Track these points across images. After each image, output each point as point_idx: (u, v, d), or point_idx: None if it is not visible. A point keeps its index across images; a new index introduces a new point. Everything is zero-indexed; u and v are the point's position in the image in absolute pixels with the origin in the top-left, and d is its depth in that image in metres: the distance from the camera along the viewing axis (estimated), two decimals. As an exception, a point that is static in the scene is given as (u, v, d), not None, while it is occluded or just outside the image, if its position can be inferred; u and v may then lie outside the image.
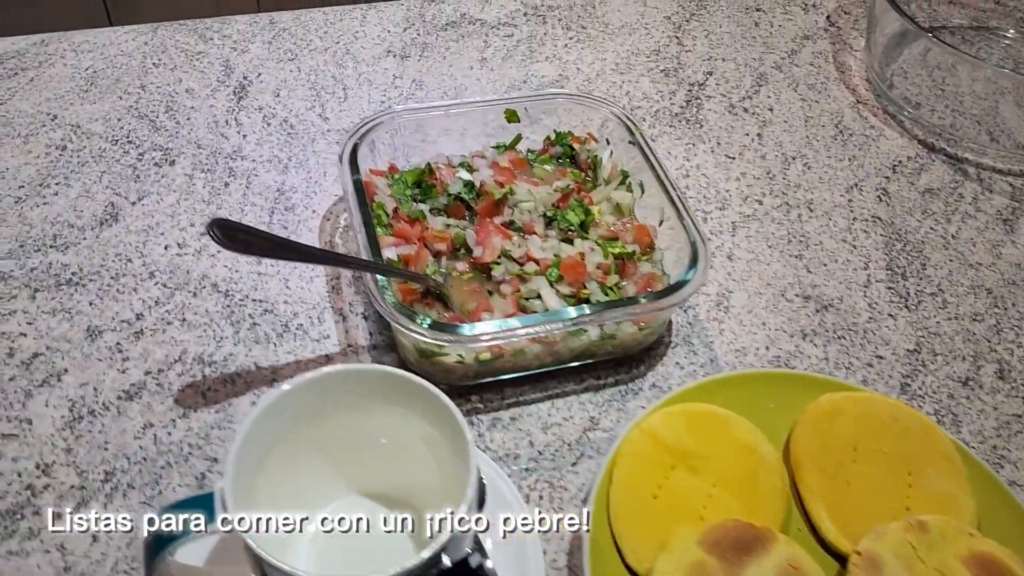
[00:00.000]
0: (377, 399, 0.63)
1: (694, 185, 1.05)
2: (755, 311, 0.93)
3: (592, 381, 0.85)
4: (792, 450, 0.78)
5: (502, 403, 0.83)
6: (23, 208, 0.94)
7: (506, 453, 0.79)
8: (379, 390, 0.63)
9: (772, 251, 0.99)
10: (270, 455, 0.61)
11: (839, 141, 1.14)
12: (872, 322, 0.93)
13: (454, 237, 0.86)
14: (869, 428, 0.78)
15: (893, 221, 1.04)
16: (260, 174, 1.01)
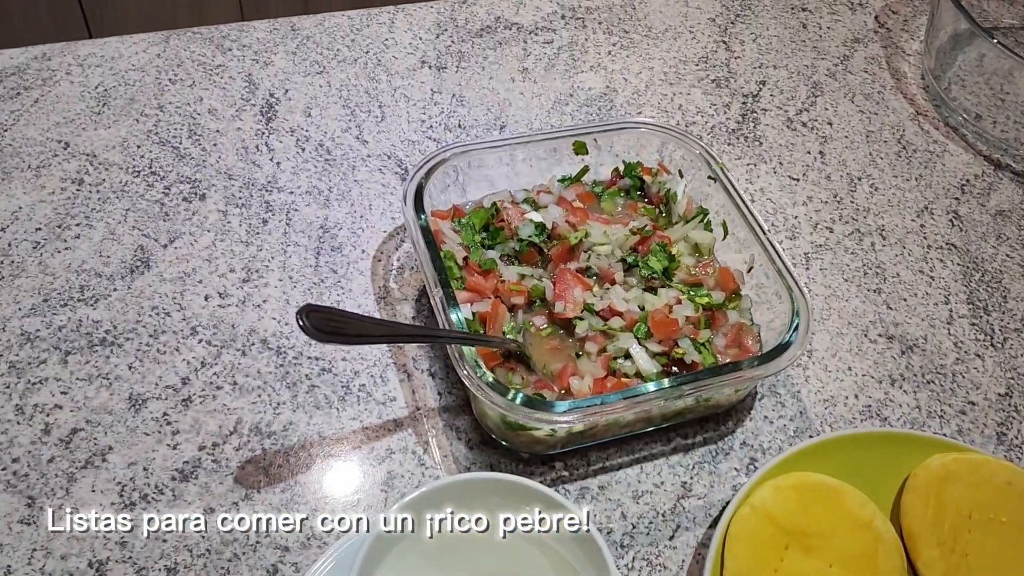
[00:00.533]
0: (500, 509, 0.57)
1: (761, 211, 0.99)
2: (839, 355, 0.88)
3: (680, 441, 0.80)
4: (904, 520, 0.73)
5: (588, 470, 0.77)
6: (43, 255, 0.85)
7: (599, 527, 0.73)
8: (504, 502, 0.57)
9: (849, 285, 0.94)
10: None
11: (903, 158, 1.08)
12: (960, 363, 0.89)
13: (531, 289, 0.79)
14: (984, 495, 0.73)
15: (968, 248, 0.99)
16: (300, 208, 0.93)
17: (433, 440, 0.77)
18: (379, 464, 0.75)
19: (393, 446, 0.76)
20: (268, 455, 0.75)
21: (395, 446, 0.76)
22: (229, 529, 0.70)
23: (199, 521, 0.70)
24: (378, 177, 0.97)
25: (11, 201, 0.89)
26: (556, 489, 0.75)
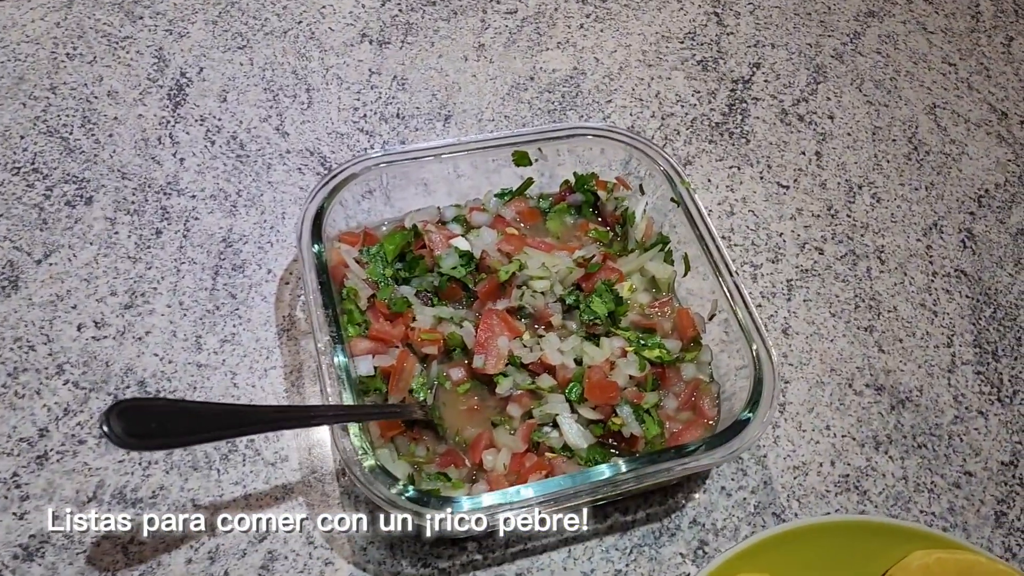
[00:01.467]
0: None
1: (740, 227, 0.86)
2: (817, 409, 0.75)
3: (618, 517, 0.68)
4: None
5: (505, 553, 0.66)
6: None
7: (512, 629, 0.63)
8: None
9: (836, 321, 0.81)
10: None
11: (914, 161, 0.94)
12: (958, 422, 0.76)
13: (448, 337, 0.67)
14: (971, 606, 0.62)
15: (980, 276, 0.86)
16: (202, 216, 0.80)
17: (328, 512, 0.66)
18: (259, 542, 0.64)
19: (278, 519, 0.65)
20: (131, 528, 0.64)
21: (281, 519, 0.65)
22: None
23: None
24: (296, 179, 0.84)
25: None
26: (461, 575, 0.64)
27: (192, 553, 0.63)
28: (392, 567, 0.64)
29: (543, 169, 0.78)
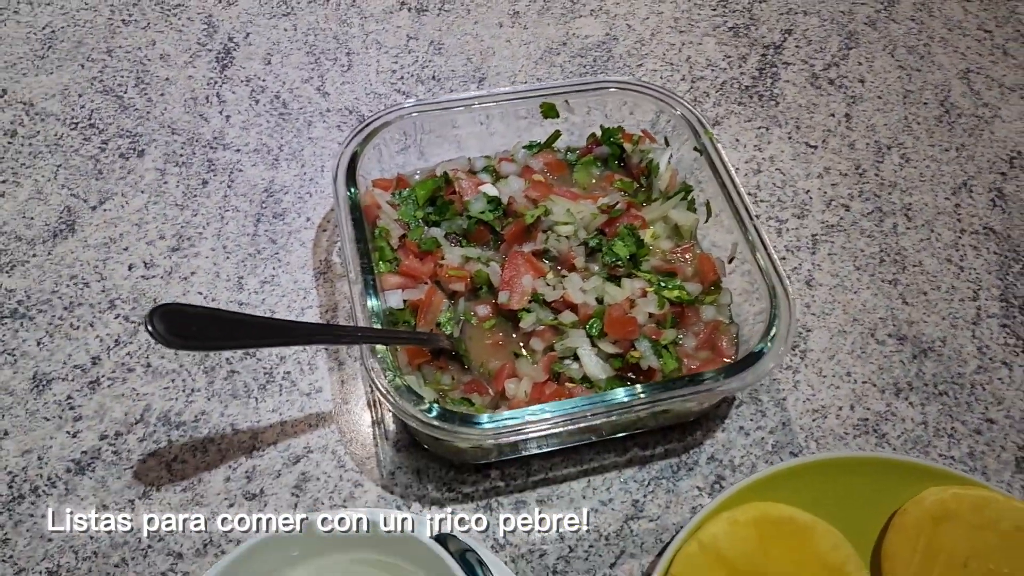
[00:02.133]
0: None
1: (767, 184, 0.87)
2: (838, 356, 0.76)
3: (637, 452, 0.70)
4: (885, 565, 0.63)
5: (527, 481, 0.68)
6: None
7: (530, 549, 0.65)
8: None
9: (861, 274, 0.81)
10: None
11: (945, 124, 0.94)
12: (982, 372, 0.76)
13: (475, 275, 0.70)
14: (985, 540, 0.62)
15: (1010, 234, 0.86)
16: (245, 168, 0.84)
17: (357, 439, 0.69)
18: (293, 464, 0.68)
19: (312, 444, 0.69)
20: (174, 448, 0.68)
21: (314, 444, 0.69)
22: (120, 530, 0.64)
23: (89, 519, 0.64)
24: (335, 135, 0.87)
25: (-63, 154, 0.83)
26: (488, 504, 0.67)
27: (230, 472, 0.67)
28: (418, 491, 0.67)
29: (571, 127, 0.80)
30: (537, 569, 0.64)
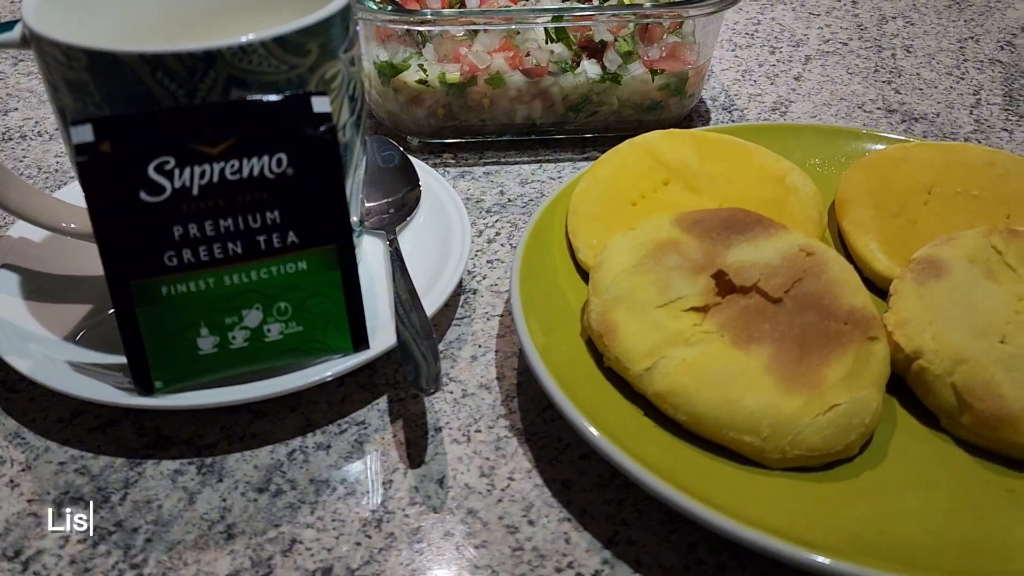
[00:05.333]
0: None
1: (764, 30, 0.90)
2: (821, 117, 0.75)
3: (595, 152, 0.69)
4: (839, 194, 0.58)
5: (479, 160, 0.68)
6: None
7: (467, 198, 0.64)
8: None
9: (852, 76, 0.81)
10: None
11: (954, 8, 0.96)
12: (978, 133, 0.72)
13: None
14: (951, 171, 0.57)
15: (1018, 63, 0.84)
16: None
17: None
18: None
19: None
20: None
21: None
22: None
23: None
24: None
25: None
26: (437, 170, 0.67)
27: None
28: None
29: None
30: (472, 209, 0.63)
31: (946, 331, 0.43)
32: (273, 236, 0.42)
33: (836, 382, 0.41)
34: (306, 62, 0.42)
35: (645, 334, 0.44)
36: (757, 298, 0.45)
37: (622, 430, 0.41)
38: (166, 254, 0.41)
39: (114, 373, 0.45)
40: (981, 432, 0.42)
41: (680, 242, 0.48)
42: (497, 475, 0.43)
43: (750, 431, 0.40)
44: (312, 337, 0.44)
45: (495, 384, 0.48)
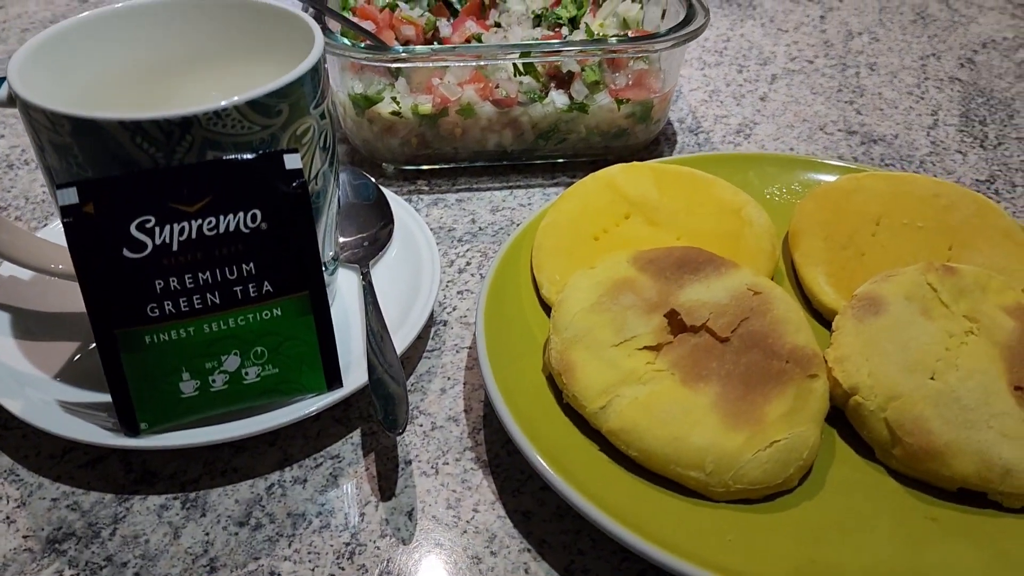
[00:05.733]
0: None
1: (733, 48, 0.93)
2: (783, 139, 0.77)
3: (565, 178, 0.72)
4: (792, 225, 0.61)
5: (451, 187, 0.71)
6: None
7: (440, 226, 0.66)
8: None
9: (816, 96, 0.84)
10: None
11: (918, 25, 0.98)
12: (934, 155, 0.75)
13: (425, 24, 0.77)
14: (899, 203, 0.60)
15: (976, 82, 0.86)
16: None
17: (302, 156, 0.74)
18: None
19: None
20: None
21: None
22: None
23: None
24: None
25: None
26: (408, 198, 0.69)
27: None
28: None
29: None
30: (444, 239, 0.65)
31: (881, 368, 0.46)
32: (249, 286, 0.45)
33: (777, 419, 0.44)
34: (278, 121, 0.45)
35: (601, 373, 0.47)
36: (706, 337, 0.48)
37: (577, 466, 0.44)
38: (148, 305, 0.43)
39: (101, 412, 0.48)
40: (911, 464, 0.45)
41: (636, 281, 0.50)
42: (463, 507, 0.46)
43: (695, 467, 0.43)
44: (288, 378, 0.47)
45: (462, 416, 0.51)
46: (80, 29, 0.50)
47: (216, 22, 0.53)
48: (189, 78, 0.54)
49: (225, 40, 0.53)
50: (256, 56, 0.53)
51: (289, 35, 0.51)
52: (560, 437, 0.46)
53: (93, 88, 0.50)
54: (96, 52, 0.51)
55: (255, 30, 0.53)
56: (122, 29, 0.51)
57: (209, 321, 0.44)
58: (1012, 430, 0.44)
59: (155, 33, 0.52)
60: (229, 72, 0.54)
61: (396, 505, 0.46)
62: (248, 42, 0.53)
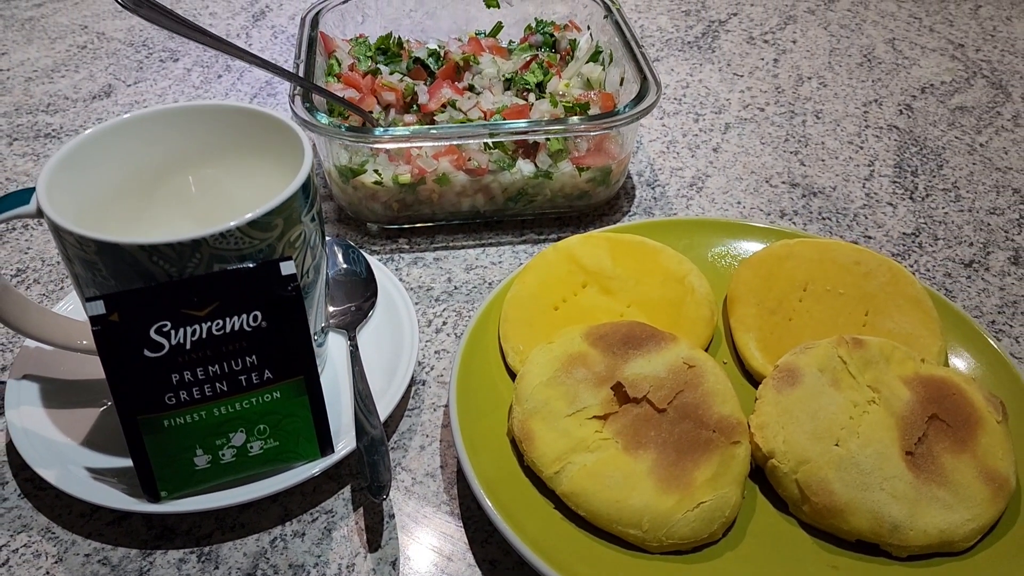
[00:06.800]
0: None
1: (691, 95, 1.00)
2: (732, 192, 0.85)
3: (532, 235, 0.79)
4: (729, 290, 0.68)
5: (430, 246, 0.78)
6: (30, 85, 1.00)
7: (419, 285, 0.74)
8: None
9: (764, 147, 0.91)
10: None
11: (864, 68, 1.06)
12: (867, 208, 0.83)
13: (404, 89, 0.84)
14: (824, 270, 0.67)
15: (912, 130, 0.94)
16: (255, 70, 1.03)
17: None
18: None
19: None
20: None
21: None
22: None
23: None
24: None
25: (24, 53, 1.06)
26: (391, 257, 0.77)
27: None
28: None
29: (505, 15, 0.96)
30: (423, 298, 0.73)
31: (794, 435, 0.55)
32: (252, 375, 0.52)
33: (703, 482, 0.52)
34: (274, 233, 0.52)
35: (556, 441, 0.54)
36: (647, 407, 0.56)
37: (534, 522, 0.52)
38: (166, 395, 0.51)
39: (126, 479, 0.55)
40: (816, 519, 0.53)
41: (587, 356, 0.58)
42: (440, 555, 0.54)
43: (634, 525, 0.51)
44: (287, 449, 0.55)
45: (439, 472, 0.59)
46: (99, 140, 0.57)
47: (212, 125, 0.60)
48: (192, 172, 0.61)
49: (223, 140, 0.60)
50: (250, 152, 0.60)
51: (279, 136, 0.58)
52: (520, 496, 0.54)
53: (107, 192, 0.57)
54: (109, 159, 0.58)
55: (248, 131, 0.60)
56: (129, 136, 0.58)
57: (219, 405, 0.52)
58: (900, 492, 0.52)
59: (161, 137, 0.59)
60: (227, 165, 0.61)
61: (382, 556, 0.54)
62: (243, 141, 0.60)
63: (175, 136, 0.60)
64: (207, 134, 0.60)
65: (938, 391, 0.56)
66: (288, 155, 0.57)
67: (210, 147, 0.61)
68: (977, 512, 0.52)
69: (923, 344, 0.62)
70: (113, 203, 0.58)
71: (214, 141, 0.61)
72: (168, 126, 0.60)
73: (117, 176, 0.59)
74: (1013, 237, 0.79)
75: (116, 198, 0.58)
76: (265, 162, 0.60)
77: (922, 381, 0.57)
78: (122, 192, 0.59)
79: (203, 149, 0.61)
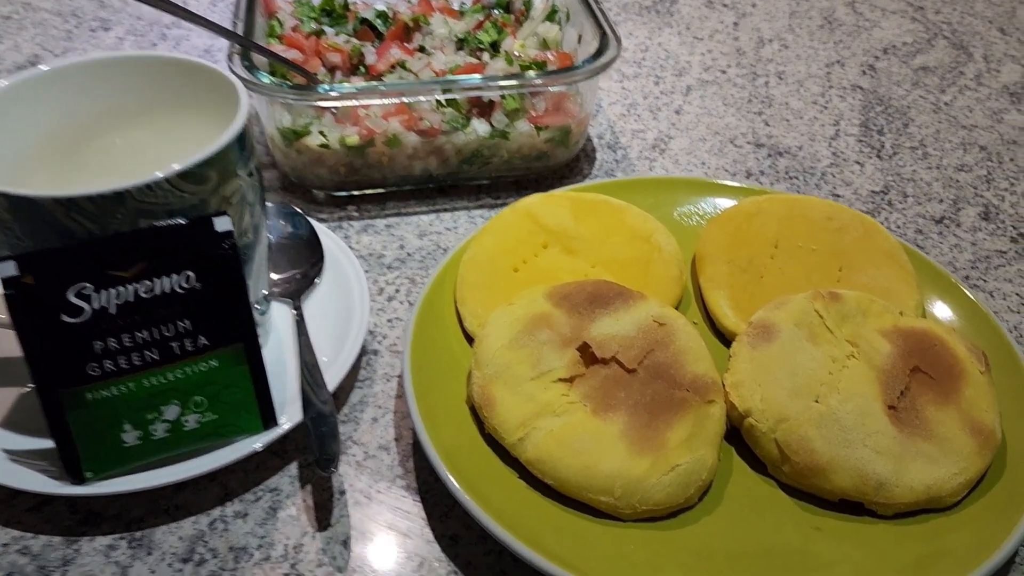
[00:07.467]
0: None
1: (651, 58, 0.96)
2: (696, 153, 0.82)
3: (489, 199, 0.75)
4: (698, 249, 0.65)
5: (380, 212, 0.74)
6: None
7: (369, 253, 0.69)
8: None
9: (727, 108, 0.88)
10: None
11: (826, 29, 1.03)
12: (834, 167, 0.80)
13: (351, 50, 0.79)
14: (795, 226, 0.65)
15: (876, 90, 0.92)
16: (192, 39, 0.98)
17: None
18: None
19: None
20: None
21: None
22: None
23: None
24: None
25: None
26: (339, 225, 0.72)
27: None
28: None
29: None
30: (374, 265, 0.68)
31: (772, 392, 0.51)
32: (185, 341, 0.47)
33: (678, 444, 0.49)
34: (208, 187, 0.47)
35: (519, 406, 0.51)
36: (616, 368, 0.52)
37: (496, 493, 0.48)
38: (89, 365, 0.46)
39: (47, 460, 0.50)
40: (798, 480, 0.50)
41: (551, 316, 0.54)
42: (395, 532, 0.50)
43: (605, 492, 0.48)
44: (227, 422, 0.50)
45: (393, 445, 0.55)
46: (7, 95, 0.51)
47: (139, 78, 0.55)
48: (119, 133, 0.56)
49: (152, 95, 0.55)
50: (182, 110, 0.55)
51: (214, 91, 0.53)
52: (481, 466, 0.50)
53: (26, 152, 0.52)
54: (26, 116, 0.52)
55: (180, 86, 0.55)
56: (49, 91, 0.53)
57: (149, 376, 0.47)
58: (884, 447, 0.49)
59: (84, 92, 0.54)
60: (157, 125, 0.56)
61: (332, 535, 0.50)
62: (174, 97, 0.55)
63: (100, 90, 0.55)
64: (135, 89, 0.55)
65: (919, 343, 0.53)
66: (224, 111, 0.52)
67: (139, 103, 0.56)
68: (964, 466, 0.49)
69: (900, 298, 0.59)
70: (30, 163, 0.53)
71: (143, 97, 0.56)
72: (92, 78, 0.55)
73: (33, 135, 0.53)
74: (983, 193, 0.77)
75: (33, 158, 0.53)
76: (200, 120, 0.55)
77: (902, 333, 0.54)
78: (41, 153, 0.53)
79: (131, 106, 0.56)
